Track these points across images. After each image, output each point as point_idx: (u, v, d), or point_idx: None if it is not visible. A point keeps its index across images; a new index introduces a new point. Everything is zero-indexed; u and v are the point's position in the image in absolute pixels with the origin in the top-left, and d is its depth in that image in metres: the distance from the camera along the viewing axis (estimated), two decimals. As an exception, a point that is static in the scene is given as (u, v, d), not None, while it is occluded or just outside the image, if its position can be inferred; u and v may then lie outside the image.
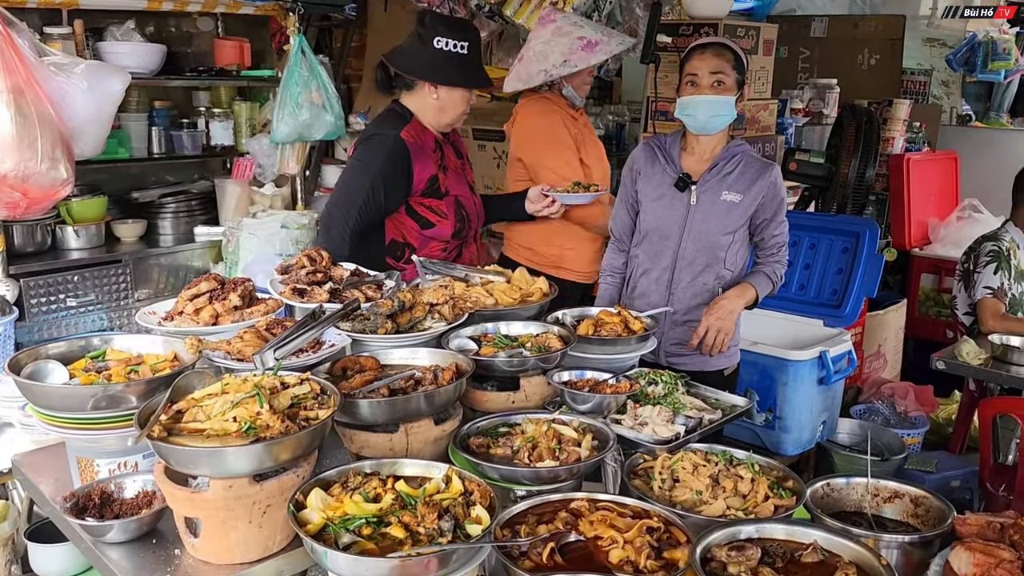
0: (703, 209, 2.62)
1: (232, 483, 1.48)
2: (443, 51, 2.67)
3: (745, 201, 2.60)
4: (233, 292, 2.11)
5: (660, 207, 2.67)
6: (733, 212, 2.61)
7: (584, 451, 1.66)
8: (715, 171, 2.62)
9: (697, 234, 2.63)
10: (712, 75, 2.55)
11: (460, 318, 2.11)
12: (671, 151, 2.69)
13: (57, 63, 2.90)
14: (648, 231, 2.71)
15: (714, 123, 2.59)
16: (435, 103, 2.75)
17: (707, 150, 2.66)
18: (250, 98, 4.05)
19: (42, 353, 1.85)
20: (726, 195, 2.60)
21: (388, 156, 2.68)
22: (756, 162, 2.64)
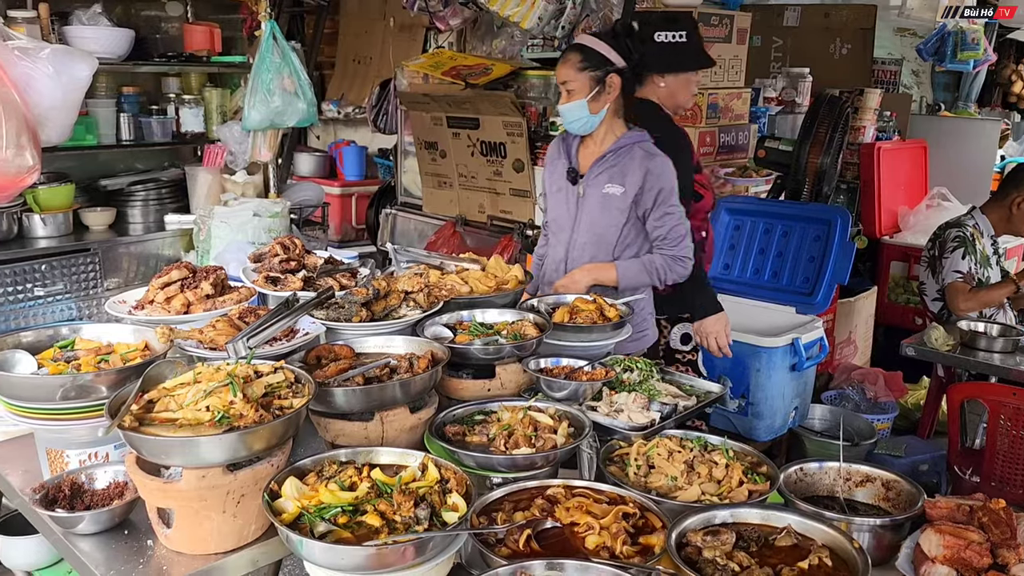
0: (589, 202, 2.67)
1: (205, 473, 1.47)
2: (665, 43, 2.88)
3: (626, 193, 2.61)
4: (205, 280, 2.09)
5: (557, 199, 2.76)
6: (615, 205, 2.62)
7: (560, 438, 1.66)
8: (601, 163, 2.65)
9: (586, 226, 2.67)
10: (561, 84, 2.67)
11: (435, 306, 2.10)
12: (572, 144, 2.75)
13: (22, 47, 2.83)
14: (549, 222, 2.83)
15: (576, 127, 2.66)
16: (664, 90, 2.93)
17: (598, 143, 2.69)
18: (221, 84, 4.00)
19: (9, 343, 1.82)
20: (608, 188, 2.64)
21: (688, 149, 2.91)
22: (641, 153, 2.63)
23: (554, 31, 4.28)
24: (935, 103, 7.11)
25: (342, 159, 6.19)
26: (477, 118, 4.53)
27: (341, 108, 6.53)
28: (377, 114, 5.42)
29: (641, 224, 2.66)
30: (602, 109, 2.60)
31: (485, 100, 4.45)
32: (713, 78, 3.80)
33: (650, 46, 2.81)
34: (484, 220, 4.68)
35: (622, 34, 2.68)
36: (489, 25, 5.09)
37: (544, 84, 4.68)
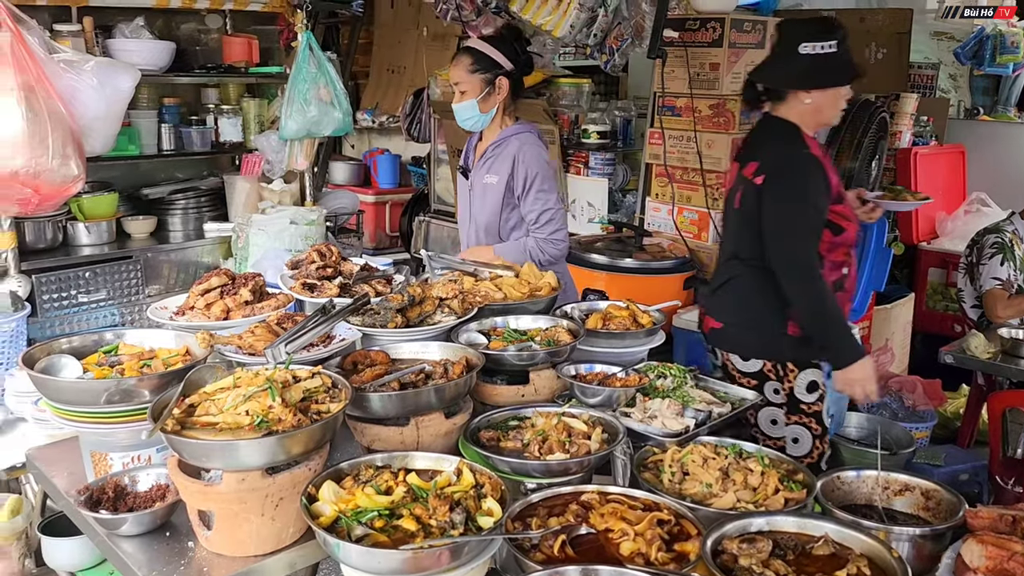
0: (476, 193, 2.94)
1: (245, 476, 1.49)
2: (811, 55, 2.49)
3: (500, 180, 2.82)
4: (244, 287, 2.12)
5: (461, 193, 3.05)
6: (491, 193, 2.85)
7: (594, 444, 1.67)
8: (484, 156, 2.90)
9: (475, 216, 2.94)
10: (454, 84, 2.88)
11: (469, 312, 2.12)
12: (471, 143, 3.02)
13: (67, 60, 2.91)
14: (457, 216, 3.12)
15: (468, 124, 2.90)
16: (809, 107, 2.53)
17: (488, 139, 2.93)
18: (258, 95, 4.07)
19: (55, 348, 1.87)
20: (487, 178, 2.87)
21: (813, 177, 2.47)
22: (515, 144, 2.83)
23: (586, 39, 4.28)
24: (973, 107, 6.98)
25: (376, 167, 6.25)
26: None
27: (375, 117, 6.59)
28: (411, 123, 5.48)
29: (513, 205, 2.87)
30: (492, 109, 2.84)
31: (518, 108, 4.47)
32: (746, 84, 3.78)
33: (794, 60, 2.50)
34: (516, 227, 4.70)
35: (509, 38, 2.92)
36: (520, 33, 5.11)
37: (576, 92, 4.70)
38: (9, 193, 2.79)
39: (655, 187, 4.04)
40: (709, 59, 3.71)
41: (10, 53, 2.74)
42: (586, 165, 4.40)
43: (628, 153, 4.54)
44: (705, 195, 3.76)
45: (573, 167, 4.44)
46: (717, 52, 3.67)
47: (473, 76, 2.80)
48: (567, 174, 4.46)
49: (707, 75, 3.73)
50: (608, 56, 4.36)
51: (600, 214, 4.32)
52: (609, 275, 3.59)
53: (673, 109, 3.87)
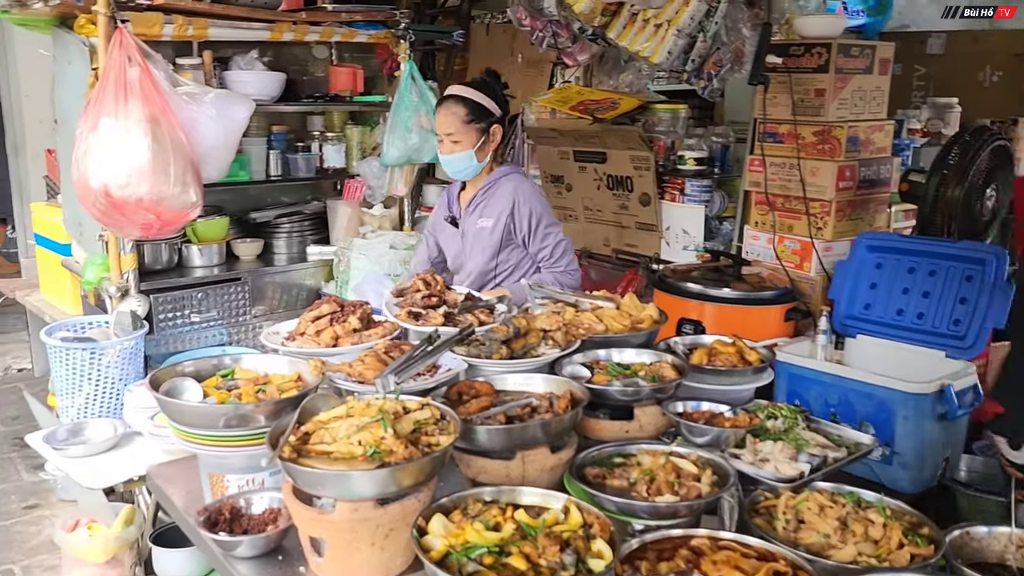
0: (469, 240, 2.96)
1: (358, 506, 1.52)
2: None
3: (497, 224, 2.86)
4: (352, 315, 2.17)
5: (450, 241, 3.05)
6: (486, 237, 2.88)
7: (704, 487, 1.63)
8: (474, 202, 2.92)
9: (470, 263, 2.96)
10: (446, 135, 2.83)
11: (573, 345, 2.11)
12: (452, 192, 3.05)
13: (189, 93, 3.06)
14: (450, 264, 3.11)
15: (463, 175, 2.92)
16: None
17: (475, 185, 2.95)
18: (361, 122, 4.18)
19: (178, 371, 1.95)
20: (480, 222, 2.89)
21: None
22: (507, 185, 2.87)
23: (683, 65, 4.25)
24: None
25: (469, 191, 6.33)
26: (604, 152, 4.55)
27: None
28: (504, 148, 5.53)
29: (522, 248, 2.92)
30: (487, 157, 2.88)
31: (612, 134, 4.46)
32: (853, 110, 3.67)
33: None
34: (609, 253, 4.68)
35: (493, 82, 2.96)
36: (616, 59, 5.11)
37: (672, 118, 4.66)
38: (134, 218, 2.94)
39: (754, 215, 3.95)
40: (814, 85, 3.62)
41: (139, 87, 2.91)
42: (682, 192, 4.34)
43: (725, 180, 4.46)
44: (808, 224, 3.65)
45: (668, 194, 4.39)
46: (823, 78, 3.57)
47: (468, 127, 2.82)
48: (661, 201, 4.42)
49: (812, 101, 3.63)
50: (706, 82, 4.31)
51: (696, 242, 4.25)
52: (705, 305, 3.50)
53: (775, 136, 3.79)
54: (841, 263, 3.51)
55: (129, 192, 2.85)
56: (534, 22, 4.44)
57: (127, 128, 2.89)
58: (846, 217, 3.70)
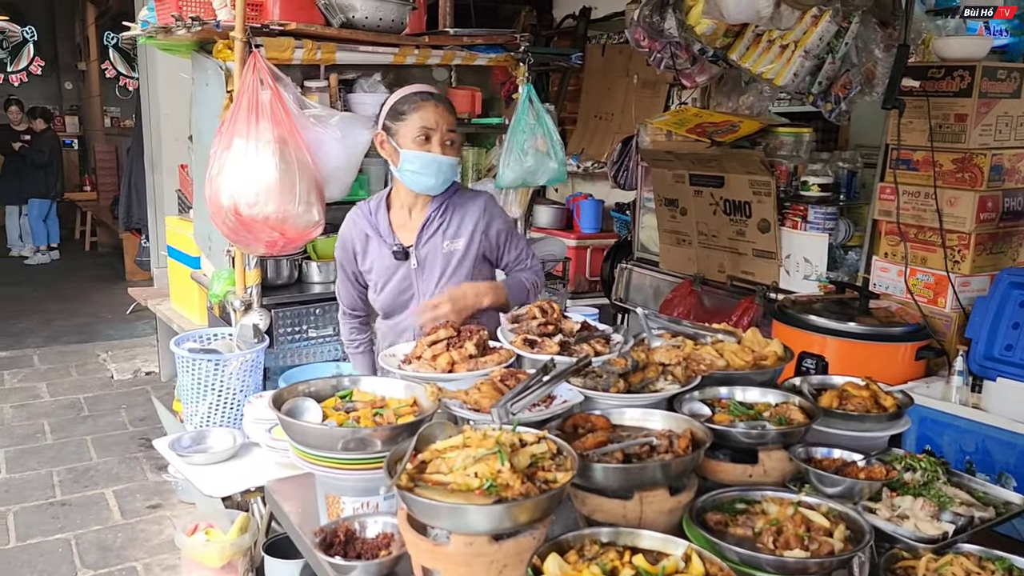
0: (427, 271, 2.58)
1: (473, 540, 1.50)
2: None
3: (471, 245, 2.57)
4: (469, 340, 2.17)
5: (388, 283, 2.62)
6: (457, 261, 2.58)
7: (837, 543, 1.53)
8: (429, 226, 2.57)
9: (430, 298, 2.54)
10: (449, 132, 2.49)
11: (693, 381, 2.04)
12: (377, 221, 2.60)
13: (316, 115, 3.16)
14: (384, 307, 2.68)
15: (442, 187, 2.53)
16: None
17: (419, 207, 2.58)
18: (477, 144, 4.22)
19: (299, 390, 1.99)
20: (448, 245, 2.56)
21: None
22: (466, 196, 2.60)
23: (809, 87, 4.10)
24: None
25: (579, 212, 6.32)
26: (722, 176, 4.44)
27: (580, 162, 6.68)
28: (618, 170, 5.48)
29: (490, 266, 2.66)
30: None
31: (732, 158, 4.35)
32: (997, 137, 3.45)
33: None
34: (723, 280, 4.55)
35: None
36: (736, 81, 4.99)
37: (795, 141, 4.50)
38: (260, 236, 3.05)
39: (884, 245, 3.76)
40: (955, 110, 3.42)
41: (269, 109, 3.02)
42: (804, 219, 4.17)
43: (851, 207, 4.27)
44: (944, 257, 3.44)
45: (789, 220, 4.23)
46: (965, 102, 3.37)
47: (457, 131, 2.55)
48: (781, 228, 4.26)
49: (951, 127, 3.44)
50: (833, 105, 4.14)
51: (818, 271, 4.08)
52: (829, 339, 3.35)
53: (909, 163, 3.60)
54: (980, 299, 3.29)
55: (257, 210, 2.96)
56: (652, 43, 4.39)
57: (257, 148, 3.00)
58: (987, 251, 3.47)
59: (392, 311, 2.67)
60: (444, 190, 2.55)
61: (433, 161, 2.44)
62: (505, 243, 2.66)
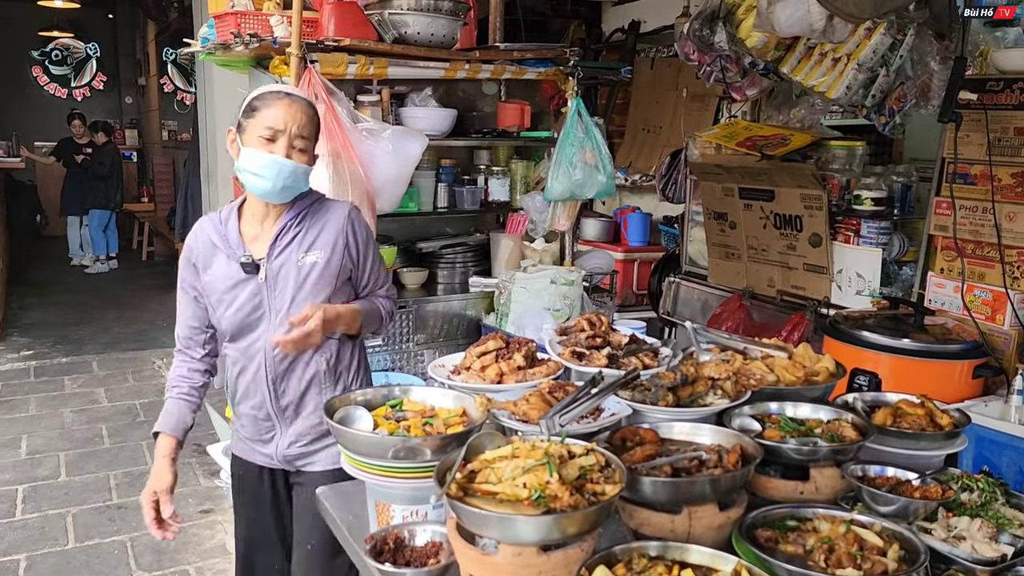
0: (280, 286, 2.27)
1: (521, 551, 1.51)
2: None
3: (332, 257, 2.29)
4: (518, 352, 2.18)
5: (235, 299, 2.30)
6: (317, 276, 2.28)
7: (891, 563, 1.50)
8: (283, 236, 2.27)
9: (284, 315, 2.26)
10: (300, 138, 2.21)
11: (743, 396, 2.03)
12: (228, 229, 2.30)
13: (368, 128, 3.23)
14: (230, 328, 2.34)
15: (288, 195, 2.26)
16: None
17: (272, 217, 2.31)
18: (526, 157, 4.25)
19: (351, 399, 2.02)
20: (306, 257, 2.27)
21: None
22: (327, 206, 2.36)
23: (863, 100, 4.04)
24: None
25: (627, 225, 6.30)
26: (772, 190, 4.39)
27: (629, 175, 6.67)
28: (666, 183, 5.47)
29: (351, 288, 2.39)
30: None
31: (783, 172, 4.31)
32: (1060, 151, 3.36)
33: None
34: (773, 295, 4.50)
35: None
36: (787, 94, 4.94)
37: (848, 155, 4.44)
38: (312, 247, 3.11)
39: (940, 261, 3.68)
40: (1014, 123, 3.35)
41: (323, 123, 3.08)
42: (857, 233, 4.11)
43: (906, 222, 4.19)
44: (1003, 273, 3.36)
45: (842, 235, 4.17)
46: (1024, 116, 3.30)
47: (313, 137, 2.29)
48: (833, 242, 4.20)
49: (1011, 140, 3.36)
50: (887, 118, 4.08)
51: (871, 287, 4.01)
52: (883, 356, 3.29)
53: (966, 177, 3.53)
54: (1042, 317, 3.21)
55: (310, 222, 3.02)
56: (702, 56, 4.37)
57: (311, 162, 3.07)
58: (1048, 267, 3.38)
59: (241, 332, 2.34)
60: (297, 199, 2.30)
61: (273, 163, 2.16)
62: (365, 261, 2.39)
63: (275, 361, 2.32)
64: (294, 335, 2.16)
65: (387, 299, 2.50)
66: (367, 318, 2.39)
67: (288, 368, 2.34)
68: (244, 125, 2.23)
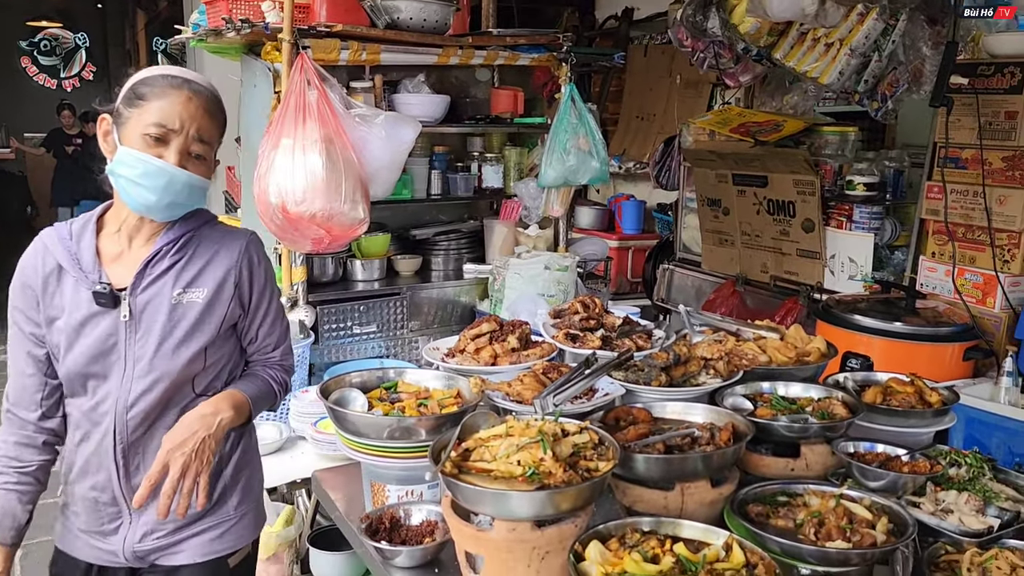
0: (144, 328, 1.72)
1: (515, 526, 1.53)
2: None
3: (219, 297, 1.76)
4: (511, 334, 2.20)
5: (82, 339, 1.72)
6: (193, 317, 1.74)
7: (879, 535, 1.53)
8: (157, 263, 1.73)
9: (146, 365, 1.71)
10: (199, 142, 1.71)
11: (735, 375, 2.05)
12: (81, 246, 1.75)
13: (361, 115, 3.22)
14: (70, 378, 1.74)
15: (175, 212, 1.74)
16: None
17: (144, 235, 1.76)
18: (519, 143, 4.25)
19: (346, 381, 2.04)
20: (181, 295, 1.73)
21: None
22: (220, 232, 1.83)
23: (855, 85, 4.05)
24: None
25: (621, 213, 6.31)
26: (765, 176, 4.41)
27: (623, 163, 6.68)
28: (660, 170, 5.47)
29: (233, 335, 1.85)
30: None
31: (776, 157, 4.32)
32: (1050, 134, 3.38)
33: None
34: (767, 280, 4.52)
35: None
36: (780, 80, 4.95)
37: (840, 140, 4.45)
38: (306, 233, 3.11)
39: (931, 245, 3.70)
40: (1004, 107, 3.36)
41: (316, 109, 3.09)
42: (849, 218, 4.13)
43: (898, 207, 4.21)
44: (993, 256, 3.39)
45: (834, 220, 4.19)
46: (1015, 100, 3.32)
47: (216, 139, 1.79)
48: (826, 227, 4.22)
49: (1001, 124, 3.38)
50: (880, 103, 4.09)
51: (863, 271, 4.03)
52: (875, 339, 3.32)
53: (957, 161, 3.54)
54: (1032, 300, 3.23)
55: (304, 208, 3.02)
56: (695, 43, 4.38)
57: (304, 148, 3.07)
58: (1038, 250, 3.40)
59: (84, 384, 1.75)
60: (183, 218, 1.78)
61: (160, 173, 1.67)
62: (258, 311, 1.86)
63: (129, 426, 1.73)
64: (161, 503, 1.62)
65: (281, 370, 1.93)
66: (257, 404, 1.85)
67: (145, 435, 1.75)
68: (125, 115, 1.71)
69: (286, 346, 1.94)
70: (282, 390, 1.93)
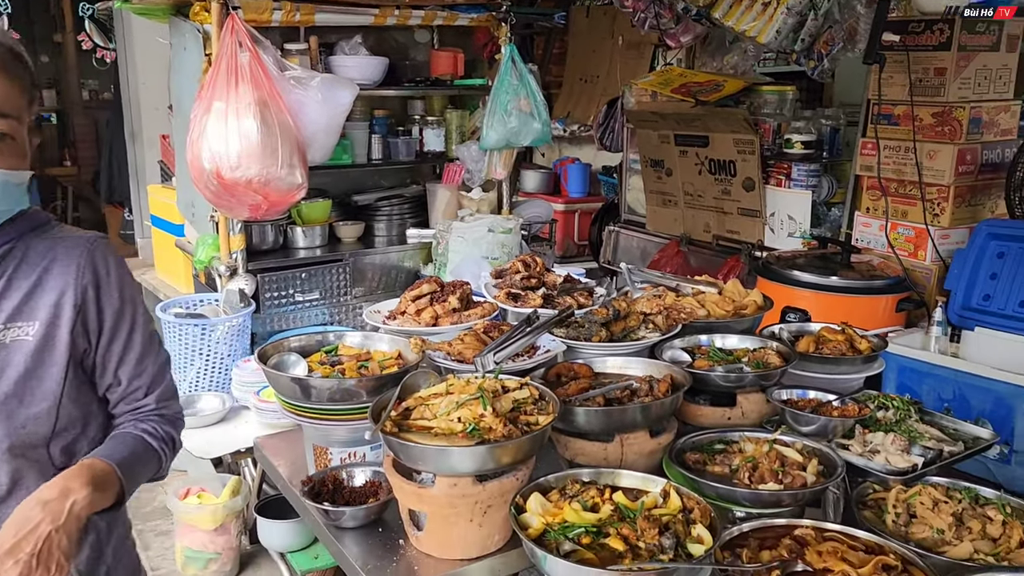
0: None
1: (457, 481, 1.54)
2: None
3: (56, 330, 1.33)
4: (452, 295, 2.19)
5: None
6: (24, 364, 1.30)
7: (810, 476, 1.58)
8: None
9: None
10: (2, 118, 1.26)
11: (674, 329, 2.08)
12: None
13: (296, 77, 3.15)
14: None
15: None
16: None
17: None
18: (461, 106, 4.21)
19: (284, 346, 2.01)
20: (4, 333, 1.31)
21: None
22: (48, 246, 1.37)
23: (792, 44, 4.09)
24: None
25: (566, 176, 6.31)
26: (706, 136, 4.44)
27: (567, 126, 6.66)
28: (603, 132, 5.48)
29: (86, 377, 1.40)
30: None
31: (716, 117, 4.36)
32: (976, 90, 3.47)
33: None
34: (709, 240, 4.58)
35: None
36: (720, 40, 4.97)
37: (779, 100, 4.51)
38: (243, 199, 3.05)
39: (865, 200, 3.79)
40: (934, 63, 3.43)
41: (249, 71, 3.01)
42: (788, 176, 4.20)
43: (834, 164, 4.29)
44: (923, 210, 3.48)
45: (773, 178, 4.25)
46: (944, 56, 3.39)
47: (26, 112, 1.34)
48: (766, 186, 4.29)
49: (931, 81, 3.45)
50: (816, 62, 4.14)
51: (802, 228, 4.11)
52: (812, 293, 3.40)
53: (890, 118, 3.62)
54: (959, 252, 3.33)
55: (239, 173, 2.96)
56: (636, 3, 4.37)
57: (238, 111, 2.99)
58: (965, 203, 3.51)
59: None
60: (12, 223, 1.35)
61: None
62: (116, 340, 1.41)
63: None
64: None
65: (162, 422, 1.46)
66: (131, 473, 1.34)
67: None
68: None
69: (165, 388, 1.47)
70: (168, 448, 1.45)
